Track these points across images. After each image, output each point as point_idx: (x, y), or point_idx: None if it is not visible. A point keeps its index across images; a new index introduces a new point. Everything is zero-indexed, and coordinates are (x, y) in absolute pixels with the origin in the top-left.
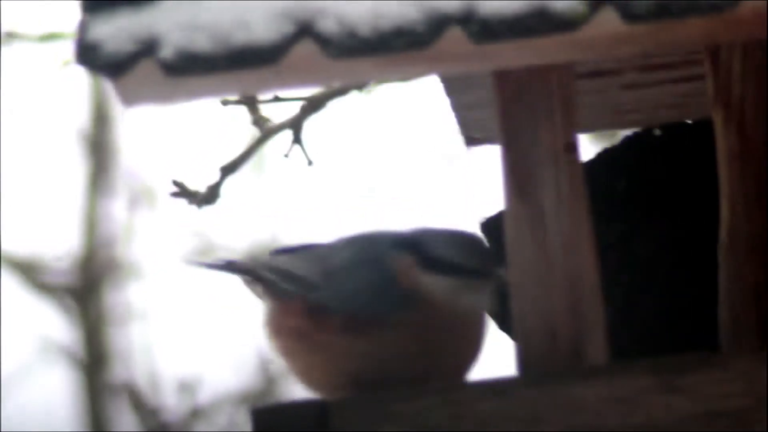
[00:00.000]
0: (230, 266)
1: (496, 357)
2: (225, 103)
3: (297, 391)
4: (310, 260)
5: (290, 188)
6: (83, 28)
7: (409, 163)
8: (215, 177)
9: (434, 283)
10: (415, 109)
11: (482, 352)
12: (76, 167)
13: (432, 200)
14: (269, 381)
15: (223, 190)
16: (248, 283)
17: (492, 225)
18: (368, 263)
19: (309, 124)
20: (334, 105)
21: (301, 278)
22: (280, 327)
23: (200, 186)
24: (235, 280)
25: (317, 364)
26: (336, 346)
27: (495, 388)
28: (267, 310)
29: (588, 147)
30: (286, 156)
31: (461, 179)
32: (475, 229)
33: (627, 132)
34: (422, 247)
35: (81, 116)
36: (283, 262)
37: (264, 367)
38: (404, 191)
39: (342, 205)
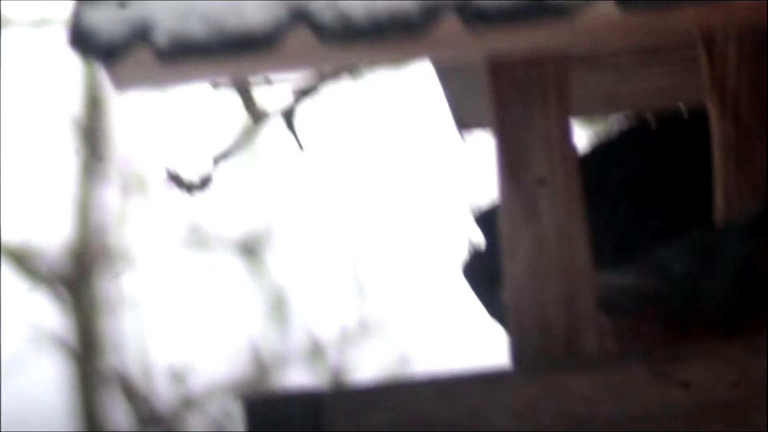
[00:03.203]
0: None
1: (490, 347)
2: (216, 85)
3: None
4: (641, 272)
5: (283, 175)
6: (77, 14)
7: (403, 151)
8: (208, 165)
9: None
10: (408, 96)
11: None
12: (69, 154)
13: (425, 188)
14: (261, 370)
15: (216, 177)
16: None
17: (485, 216)
18: (718, 258)
19: (302, 111)
20: (327, 92)
21: (643, 291)
22: (628, 339)
23: (193, 174)
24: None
25: None
26: None
27: (488, 378)
28: (607, 327)
29: (583, 135)
30: (277, 142)
31: (455, 167)
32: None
33: (622, 121)
34: None
35: (74, 103)
36: (611, 280)
37: (256, 356)
38: (397, 178)
39: (335, 193)
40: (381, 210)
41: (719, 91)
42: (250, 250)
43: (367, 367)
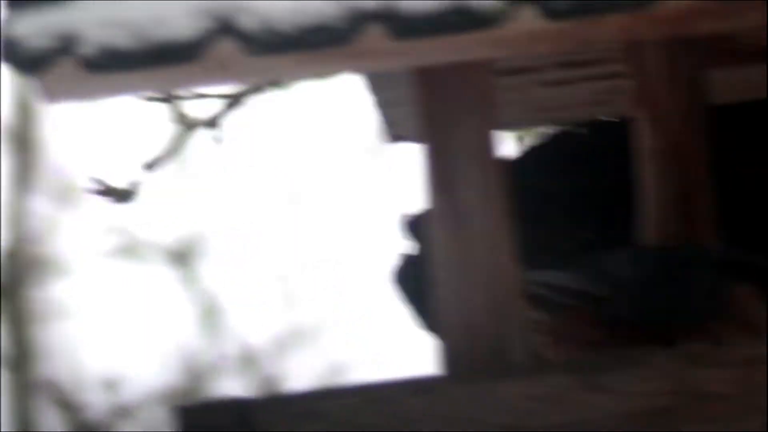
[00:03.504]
0: None
1: (419, 355)
2: (149, 99)
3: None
4: (582, 275)
5: (212, 184)
6: (6, 25)
7: (333, 160)
8: (136, 173)
9: (748, 298)
10: (338, 106)
11: None
12: (1, 163)
13: (355, 197)
14: (193, 378)
15: (144, 186)
16: None
17: (414, 223)
18: (671, 273)
19: (230, 121)
20: (255, 101)
21: (583, 292)
22: (562, 338)
23: (121, 182)
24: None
25: None
26: None
27: (418, 385)
28: (544, 325)
29: (511, 144)
30: (205, 152)
31: (385, 176)
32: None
33: (549, 129)
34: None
35: (6, 112)
36: (553, 277)
37: (188, 364)
38: (327, 188)
39: (265, 201)
40: (312, 218)
41: (645, 100)
42: (182, 258)
43: (301, 375)
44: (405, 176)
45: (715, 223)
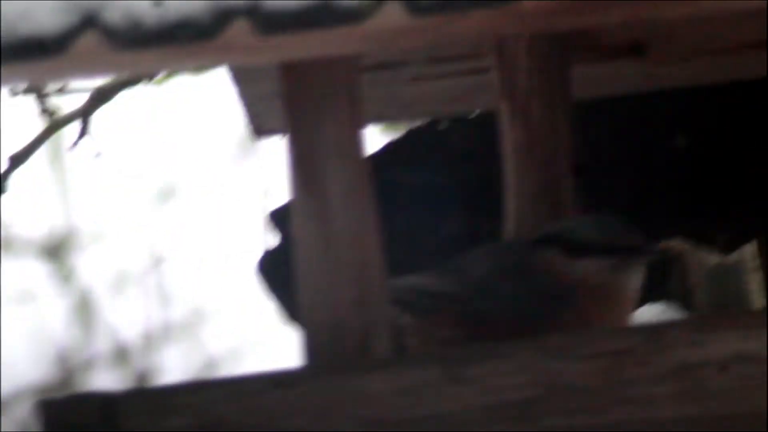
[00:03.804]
0: None
1: (283, 349)
2: (14, 93)
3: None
4: (445, 276)
5: (83, 178)
6: None
7: (201, 154)
8: (3, 167)
9: (587, 268)
10: (208, 100)
11: None
12: None
13: (224, 191)
14: (67, 373)
15: (13, 180)
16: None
17: (279, 216)
18: (513, 267)
19: (98, 115)
20: (124, 96)
21: (443, 294)
22: (430, 339)
23: None
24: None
25: None
26: None
27: (281, 379)
28: (410, 328)
29: (378, 139)
30: (73, 146)
31: (252, 170)
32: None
33: (414, 124)
34: (565, 236)
35: None
36: (416, 281)
37: (61, 359)
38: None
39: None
40: (182, 212)
41: (510, 95)
42: (54, 253)
43: (175, 369)
44: (274, 170)
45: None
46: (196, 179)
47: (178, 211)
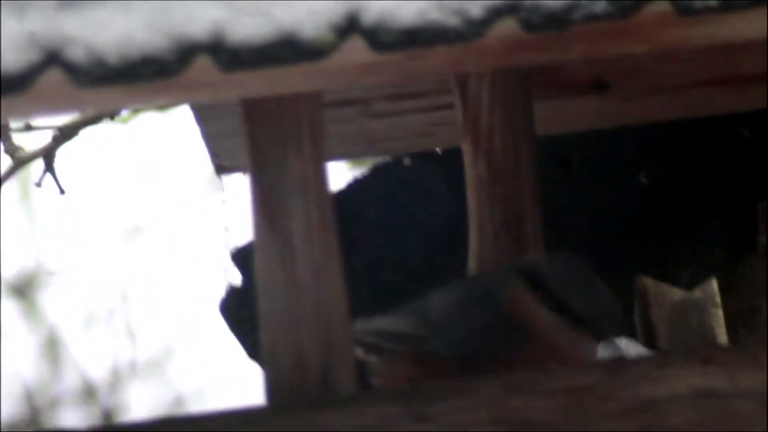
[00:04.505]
0: None
1: (245, 386)
2: None
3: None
4: (408, 316)
5: (50, 216)
6: None
7: (167, 192)
8: None
9: (544, 318)
10: (172, 138)
11: None
12: None
13: (186, 228)
14: (33, 411)
15: None
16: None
17: (242, 255)
18: (476, 301)
19: (62, 153)
20: (87, 134)
21: (403, 334)
22: (389, 379)
23: None
24: None
25: None
26: None
27: (243, 416)
28: (374, 368)
29: (342, 176)
30: (38, 185)
31: (214, 208)
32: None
33: (378, 161)
34: (541, 278)
35: None
36: (380, 323)
37: (28, 396)
38: (164, 219)
39: (102, 234)
40: (149, 250)
41: (473, 131)
42: (21, 290)
43: (141, 408)
44: (234, 208)
45: (542, 252)
46: (162, 217)
47: (145, 248)
